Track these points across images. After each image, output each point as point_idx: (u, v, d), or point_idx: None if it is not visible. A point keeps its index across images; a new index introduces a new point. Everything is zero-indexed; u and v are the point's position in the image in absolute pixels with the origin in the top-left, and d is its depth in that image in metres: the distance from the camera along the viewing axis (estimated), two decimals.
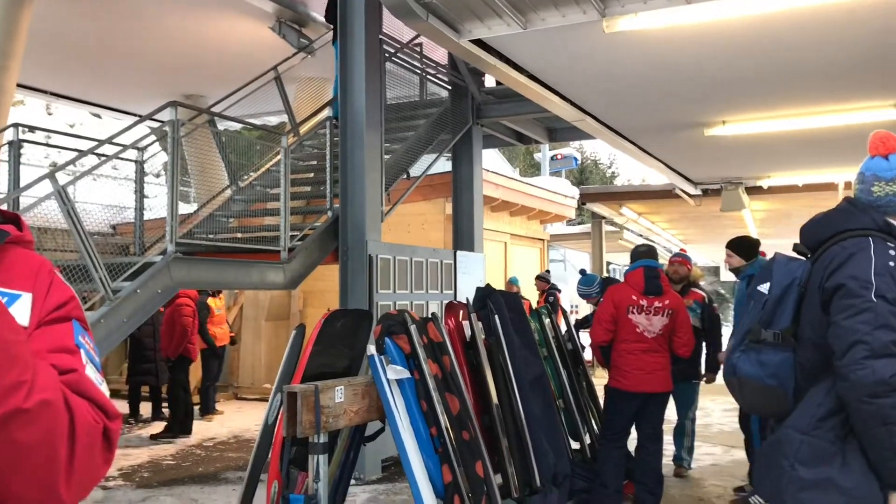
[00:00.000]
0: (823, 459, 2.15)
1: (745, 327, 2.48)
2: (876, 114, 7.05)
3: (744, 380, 2.43)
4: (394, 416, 3.92)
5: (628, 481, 5.40)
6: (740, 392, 2.48)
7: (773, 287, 2.42)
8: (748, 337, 2.44)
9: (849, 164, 10.32)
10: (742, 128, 7.60)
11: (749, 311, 2.50)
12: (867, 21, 4.91)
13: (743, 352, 2.45)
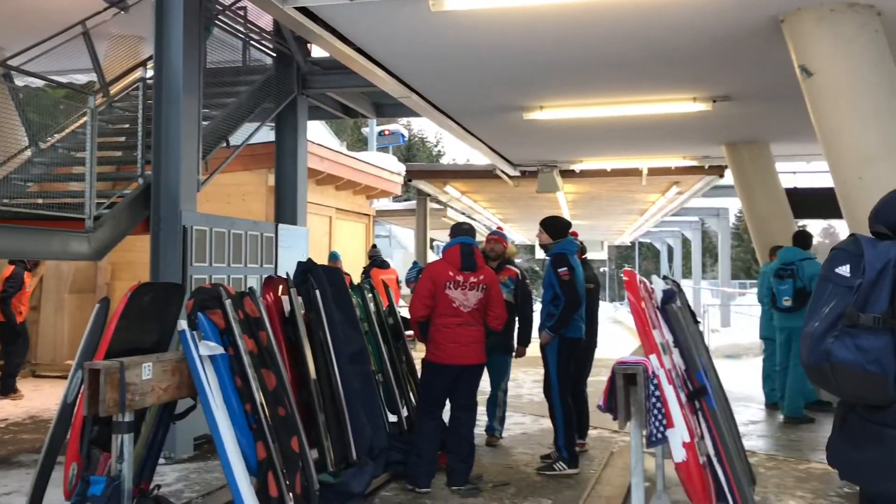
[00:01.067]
0: None
1: (834, 312, 2.39)
2: (676, 106, 7.63)
3: (840, 366, 2.35)
4: (206, 393, 3.80)
5: (442, 451, 5.56)
6: (833, 378, 2.39)
7: (867, 270, 2.36)
8: (841, 322, 2.36)
9: (653, 152, 11.12)
10: (558, 113, 7.96)
11: (829, 294, 2.43)
12: (667, 22, 5.28)
13: (836, 337, 2.36)
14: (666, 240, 34.59)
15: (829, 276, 2.46)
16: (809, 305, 2.53)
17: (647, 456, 5.48)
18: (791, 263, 8.02)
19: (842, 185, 5.03)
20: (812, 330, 2.42)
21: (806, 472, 5.92)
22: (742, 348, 14.42)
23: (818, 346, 2.39)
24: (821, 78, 4.98)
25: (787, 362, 8.03)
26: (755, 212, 10.13)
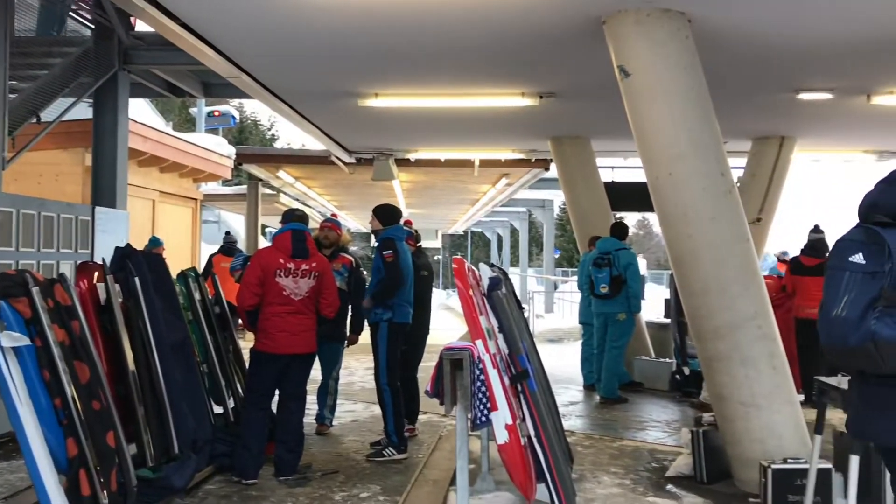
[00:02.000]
0: None
1: (864, 297, 2.48)
2: (506, 100, 7.86)
3: (884, 343, 2.46)
4: (8, 388, 3.52)
5: (270, 442, 5.46)
6: (878, 355, 2.49)
7: (894, 255, 2.48)
8: (879, 304, 2.47)
9: (484, 144, 11.40)
10: (393, 102, 7.99)
11: (847, 282, 2.51)
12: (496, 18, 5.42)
13: (877, 319, 2.46)
14: (496, 229, 35.70)
15: (842, 265, 2.57)
16: (825, 293, 2.61)
17: (473, 439, 5.66)
18: (608, 253, 8.51)
19: (654, 181, 5.38)
20: (839, 316, 2.51)
21: (619, 449, 6.31)
22: (564, 333, 15.15)
23: (858, 329, 2.49)
24: (637, 79, 5.29)
25: (604, 346, 8.52)
26: (577, 204, 10.65)
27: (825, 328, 2.58)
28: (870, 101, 7.66)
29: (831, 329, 2.55)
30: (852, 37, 5.82)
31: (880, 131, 9.86)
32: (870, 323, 2.47)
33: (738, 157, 11.09)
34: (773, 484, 4.71)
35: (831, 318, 2.54)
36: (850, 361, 2.64)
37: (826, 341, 2.60)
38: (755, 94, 7.86)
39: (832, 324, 2.54)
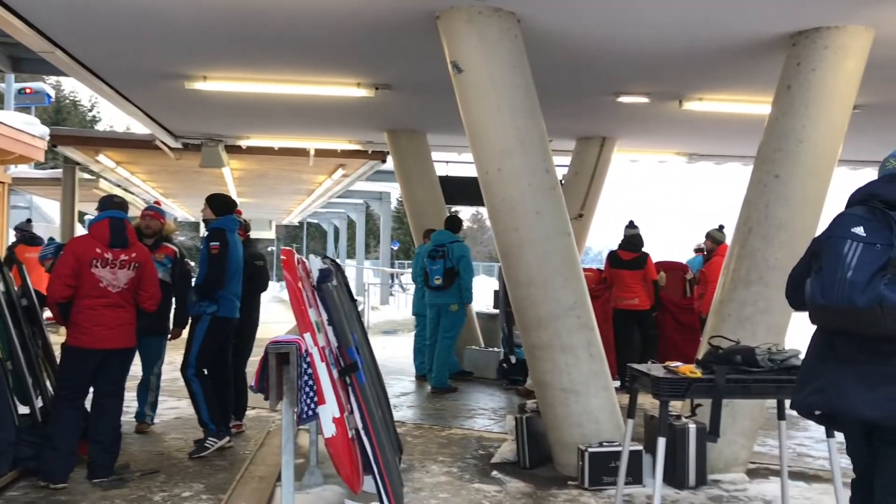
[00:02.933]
0: None
1: (872, 263, 2.76)
2: (342, 90, 7.79)
3: (890, 307, 2.72)
4: None
5: (84, 442, 5.12)
6: (883, 317, 2.73)
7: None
8: (889, 272, 2.74)
9: (320, 133, 11.24)
10: (222, 86, 7.70)
11: (851, 248, 2.79)
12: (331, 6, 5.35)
13: (886, 285, 2.73)
14: (333, 221, 35.37)
15: (845, 234, 2.86)
16: (827, 258, 2.87)
17: (302, 433, 5.58)
18: (442, 245, 8.66)
19: (484, 175, 5.51)
20: (845, 278, 2.79)
21: (448, 438, 6.44)
22: (398, 324, 15.26)
23: (865, 291, 2.76)
24: (469, 75, 5.39)
25: (436, 336, 8.66)
26: (412, 197, 10.75)
27: (828, 288, 2.83)
28: (681, 106, 8.23)
29: (835, 290, 2.80)
30: (666, 44, 6.21)
31: (691, 135, 10.62)
32: (879, 288, 2.75)
33: (563, 155, 11.60)
34: (589, 466, 4.97)
35: (836, 280, 2.81)
36: (851, 321, 2.81)
37: (827, 301, 2.83)
38: (579, 96, 8.24)
39: (836, 285, 2.80)
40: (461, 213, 39.69)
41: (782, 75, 5.65)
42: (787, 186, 5.45)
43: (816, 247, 3.03)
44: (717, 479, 5.18)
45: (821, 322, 2.98)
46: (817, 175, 5.49)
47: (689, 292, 9.26)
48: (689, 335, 8.67)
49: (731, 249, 5.73)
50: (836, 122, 5.52)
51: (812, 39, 5.49)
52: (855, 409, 2.85)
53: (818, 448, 6.09)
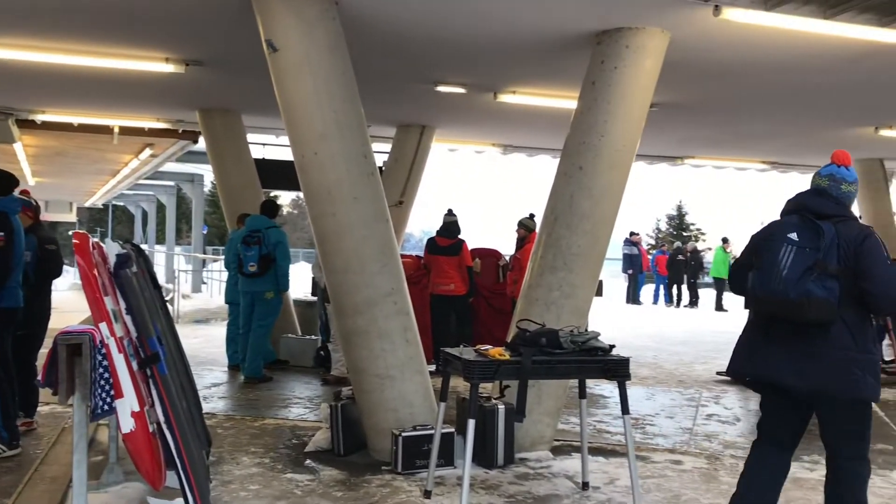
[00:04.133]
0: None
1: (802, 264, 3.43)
2: (149, 64, 7.33)
3: (815, 301, 3.39)
4: None
5: None
6: (808, 308, 3.40)
7: (826, 239, 3.45)
8: (817, 270, 3.42)
9: (125, 110, 10.54)
10: (9, 54, 7.01)
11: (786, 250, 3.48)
12: None
13: (813, 281, 3.40)
14: (141, 203, 33.43)
15: (782, 238, 3.53)
16: (767, 257, 3.54)
17: (102, 428, 5.23)
18: (258, 231, 8.40)
19: (300, 159, 5.39)
20: (785, 275, 3.45)
21: (261, 428, 6.27)
22: (211, 313, 14.70)
23: (798, 287, 3.42)
24: (285, 55, 5.24)
25: (250, 325, 8.41)
26: (226, 180, 10.36)
27: (766, 282, 3.52)
28: (496, 98, 8.47)
29: (772, 284, 3.49)
30: (481, 38, 6.36)
31: (505, 127, 10.98)
32: (808, 284, 3.40)
33: (383, 142, 11.63)
34: (402, 450, 5.01)
35: (773, 276, 3.49)
36: (784, 310, 3.48)
37: (766, 293, 3.53)
38: (399, 83, 8.27)
39: (773, 280, 3.49)
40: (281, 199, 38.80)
41: (587, 72, 5.94)
42: (590, 178, 5.74)
43: (756, 245, 3.70)
44: (524, 458, 5.39)
45: (758, 309, 3.67)
46: (618, 168, 5.83)
47: (502, 278, 9.59)
48: (502, 319, 8.97)
49: (539, 237, 5.96)
50: (635, 118, 5.88)
51: (615, 39, 5.81)
52: (783, 379, 3.56)
53: (616, 424, 6.50)
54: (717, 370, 9.26)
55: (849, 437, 3.61)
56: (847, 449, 3.61)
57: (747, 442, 6.05)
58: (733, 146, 12.51)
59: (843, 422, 3.59)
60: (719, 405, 7.51)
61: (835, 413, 3.58)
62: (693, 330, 14.43)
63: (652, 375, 9.11)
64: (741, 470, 3.84)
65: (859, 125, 10.05)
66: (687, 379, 8.93)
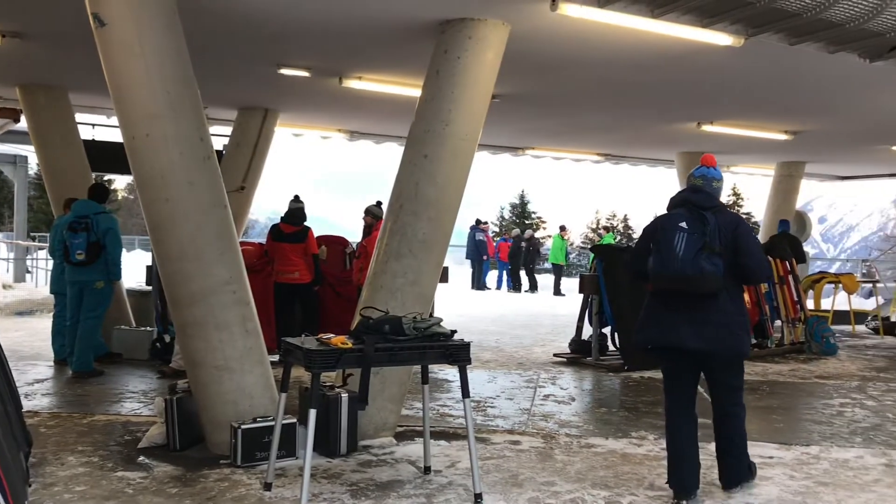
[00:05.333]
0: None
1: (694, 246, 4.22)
2: None
3: (707, 275, 4.20)
4: None
5: None
6: (701, 281, 4.21)
7: (710, 226, 4.25)
8: (706, 250, 4.21)
9: None
10: None
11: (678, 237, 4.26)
12: None
13: (704, 259, 4.20)
14: None
15: (675, 227, 4.30)
16: (664, 243, 4.30)
17: None
18: (86, 217, 7.89)
19: (130, 141, 5.09)
20: (681, 255, 4.23)
21: (89, 425, 5.91)
22: (36, 304, 13.71)
23: (693, 264, 4.21)
24: (113, 31, 4.92)
25: (78, 317, 7.90)
26: (51, 162, 9.68)
27: (667, 263, 4.26)
28: (342, 83, 8.38)
29: (672, 264, 4.24)
30: (325, 21, 6.26)
31: (351, 113, 10.88)
32: (700, 262, 4.19)
33: (224, 125, 11.24)
34: (242, 443, 4.88)
35: (672, 257, 4.24)
36: (682, 284, 4.25)
37: (666, 271, 4.27)
38: (240, 64, 8.00)
39: (673, 261, 4.24)
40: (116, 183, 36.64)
41: (432, 61, 5.98)
42: (434, 166, 5.80)
43: (652, 234, 4.45)
44: (368, 445, 5.39)
45: (660, 285, 4.37)
46: (461, 156, 5.91)
47: (349, 265, 9.53)
48: (349, 307, 8.91)
49: (384, 224, 5.96)
50: (478, 108, 5.98)
51: (458, 29, 5.88)
52: (685, 343, 4.30)
53: (458, 408, 6.62)
54: (555, 352, 9.65)
55: (731, 388, 4.50)
56: (729, 397, 4.50)
57: (581, 420, 6.37)
58: (571, 138, 13.04)
59: (727, 375, 4.47)
60: (556, 386, 7.82)
61: (721, 368, 4.44)
62: (533, 314, 14.96)
63: (494, 359, 9.36)
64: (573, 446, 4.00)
65: (684, 121, 10.74)
66: (526, 361, 9.24)
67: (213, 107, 10.37)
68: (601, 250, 9.80)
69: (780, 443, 5.68)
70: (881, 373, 9.01)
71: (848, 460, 5.28)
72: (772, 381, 8.31)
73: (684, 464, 4.41)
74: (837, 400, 7.38)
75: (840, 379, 8.55)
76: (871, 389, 7.92)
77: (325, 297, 9.25)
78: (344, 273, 9.51)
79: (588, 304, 9.38)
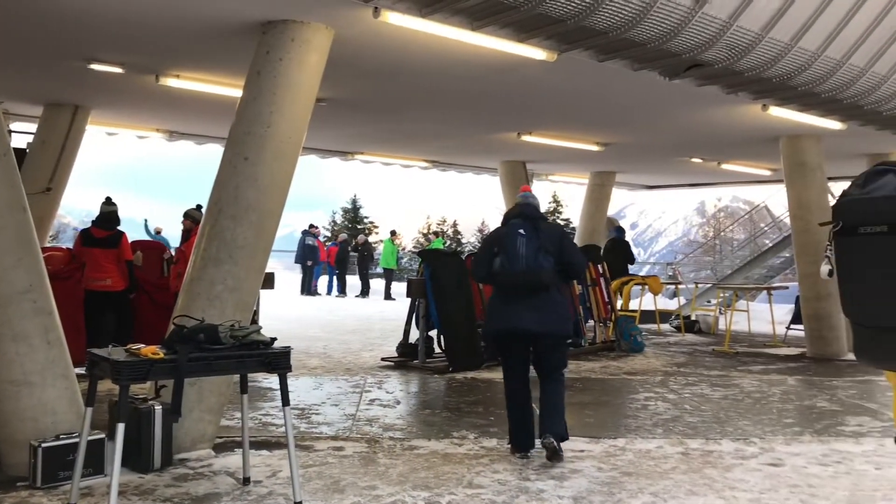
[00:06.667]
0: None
1: (533, 248, 5.24)
2: None
3: (545, 269, 5.19)
4: None
5: None
6: (541, 274, 5.19)
7: (542, 232, 5.30)
8: (542, 251, 5.23)
9: None
10: None
11: (521, 242, 5.27)
12: None
13: (542, 258, 5.21)
14: None
15: (516, 234, 5.29)
16: (509, 247, 5.27)
17: None
18: None
19: None
20: (524, 255, 5.23)
21: None
22: None
23: (534, 261, 5.21)
24: None
25: None
26: None
27: (513, 262, 5.25)
28: (158, 81, 8.01)
29: (517, 263, 5.24)
30: (141, 13, 5.97)
31: (170, 112, 10.43)
32: (540, 260, 5.22)
33: (28, 121, 10.46)
34: (42, 462, 4.54)
35: (517, 258, 5.24)
36: (524, 279, 5.23)
37: (515, 268, 5.23)
38: (45, 57, 7.47)
39: (517, 260, 5.23)
40: None
41: (253, 61, 5.86)
42: (256, 169, 5.67)
43: (496, 241, 5.38)
44: (185, 458, 5.18)
45: (506, 281, 5.27)
46: (284, 159, 5.82)
47: (167, 272, 9.11)
48: (166, 315, 8.50)
49: (202, 229, 5.76)
50: (301, 111, 5.91)
51: (280, 30, 5.80)
52: (528, 326, 5.19)
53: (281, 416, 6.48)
54: (382, 356, 9.71)
55: (556, 364, 5.41)
56: (554, 372, 5.39)
57: (405, 423, 6.45)
58: (399, 144, 13.19)
59: (554, 352, 5.38)
60: (382, 390, 7.86)
61: (551, 347, 5.34)
62: (363, 319, 14.97)
63: (321, 365, 9.27)
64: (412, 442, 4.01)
65: (506, 130, 11.16)
66: (354, 366, 9.23)
67: (13, 101, 9.63)
68: (428, 255, 9.97)
69: (590, 437, 6.02)
70: (681, 368, 9.76)
71: (650, 450, 5.67)
72: (585, 378, 8.79)
73: (522, 426, 5.35)
74: (643, 394, 7.92)
75: (646, 374, 9.17)
76: (673, 384, 8.56)
77: (140, 305, 8.79)
78: (161, 280, 9.08)
79: (415, 308, 9.51)
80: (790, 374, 9.43)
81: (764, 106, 8.65)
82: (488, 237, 5.62)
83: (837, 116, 9.20)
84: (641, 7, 5.59)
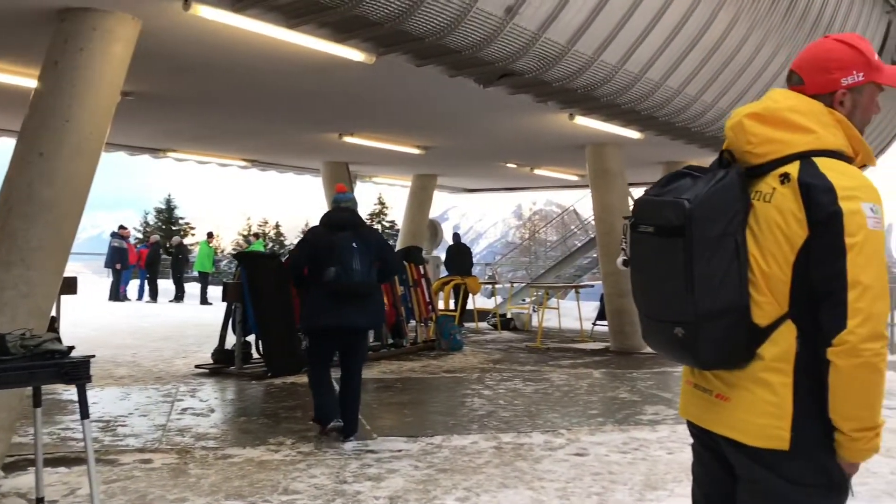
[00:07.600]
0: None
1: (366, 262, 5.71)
2: None
3: (374, 281, 5.85)
4: None
5: None
6: (371, 286, 5.79)
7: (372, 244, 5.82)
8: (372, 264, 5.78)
9: None
10: None
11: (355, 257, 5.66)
12: None
13: (372, 271, 5.79)
14: None
15: (349, 247, 5.65)
16: (344, 257, 5.58)
17: None
18: None
19: None
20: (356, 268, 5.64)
21: None
22: None
23: (368, 275, 5.71)
24: None
25: None
26: None
27: (350, 275, 5.59)
28: None
29: (353, 275, 5.60)
30: None
31: None
32: (371, 273, 5.80)
33: None
34: None
35: (350, 269, 5.59)
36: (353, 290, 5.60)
37: (351, 280, 5.60)
38: None
39: (350, 273, 5.59)
40: None
41: (49, 50, 5.46)
42: (52, 165, 5.28)
43: (325, 249, 5.62)
44: None
45: (340, 289, 5.59)
46: (84, 155, 5.46)
47: None
48: None
49: None
50: (104, 104, 5.57)
51: (81, 19, 5.44)
52: (355, 322, 5.70)
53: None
54: (196, 363, 9.34)
55: (362, 358, 6.08)
56: (357, 364, 5.93)
57: (219, 432, 6.24)
58: (215, 142, 12.73)
59: (363, 346, 6.09)
60: (195, 398, 7.55)
61: (360, 341, 5.96)
62: (177, 325, 14.32)
63: (130, 374, 8.77)
64: None
65: (327, 131, 11.08)
66: (165, 375, 8.80)
67: None
68: (245, 258, 9.69)
69: (408, 436, 6.10)
70: (497, 364, 10.12)
71: (465, 447, 5.83)
72: (405, 378, 8.89)
73: (326, 403, 5.87)
74: (460, 391, 8.13)
75: (464, 372, 9.43)
76: (489, 380, 8.85)
77: None
78: None
79: (232, 313, 9.21)
80: (596, 368, 10.03)
81: (571, 115, 9.14)
82: (310, 240, 5.82)
83: (636, 126, 9.89)
84: (455, 15, 5.75)
